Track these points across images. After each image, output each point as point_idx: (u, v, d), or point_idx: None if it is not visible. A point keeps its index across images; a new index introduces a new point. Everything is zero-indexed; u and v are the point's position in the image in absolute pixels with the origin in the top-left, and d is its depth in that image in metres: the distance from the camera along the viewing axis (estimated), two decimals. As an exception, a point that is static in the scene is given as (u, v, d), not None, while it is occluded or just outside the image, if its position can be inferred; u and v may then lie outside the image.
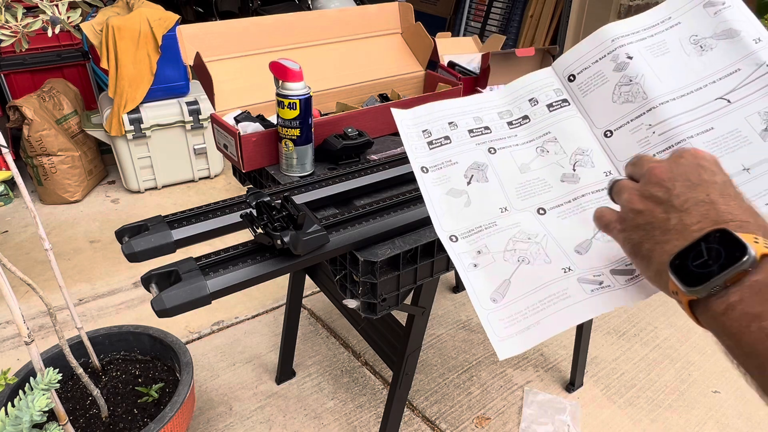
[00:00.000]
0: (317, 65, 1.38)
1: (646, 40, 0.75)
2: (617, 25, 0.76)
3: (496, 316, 0.69)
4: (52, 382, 1.01)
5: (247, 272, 0.81)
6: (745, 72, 0.68)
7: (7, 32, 0.99)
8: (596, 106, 0.77)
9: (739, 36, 0.70)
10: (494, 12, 3.93)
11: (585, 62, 0.78)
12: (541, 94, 0.81)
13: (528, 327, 0.68)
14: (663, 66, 0.73)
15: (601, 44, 0.76)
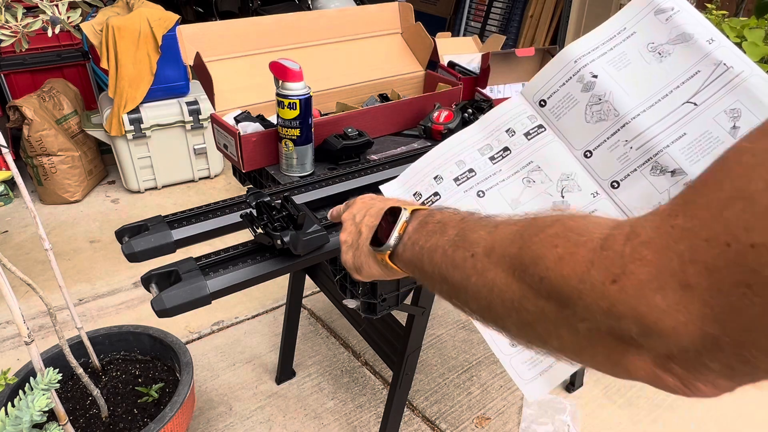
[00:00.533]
0: (317, 65, 1.38)
1: (606, 54, 0.76)
2: (577, 45, 0.77)
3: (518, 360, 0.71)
4: (52, 382, 1.01)
5: (247, 272, 0.80)
6: (705, 73, 0.70)
7: (7, 32, 0.99)
8: (571, 128, 0.78)
9: (693, 39, 0.71)
10: (494, 12, 3.93)
11: (553, 86, 0.79)
12: (516, 124, 0.82)
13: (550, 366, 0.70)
14: (627, 78, 0.74)
15: (565, 66, 0.77)
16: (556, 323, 0.36)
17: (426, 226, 0.53)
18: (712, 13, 2.33)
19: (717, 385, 0.31)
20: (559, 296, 0.35)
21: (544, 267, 0.36)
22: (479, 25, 4.03)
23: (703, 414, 1.69)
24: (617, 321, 0.32)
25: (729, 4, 2.91)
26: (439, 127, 1.30)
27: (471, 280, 0.43)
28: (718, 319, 0.28)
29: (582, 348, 0.36)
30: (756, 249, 0.26)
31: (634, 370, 0.33)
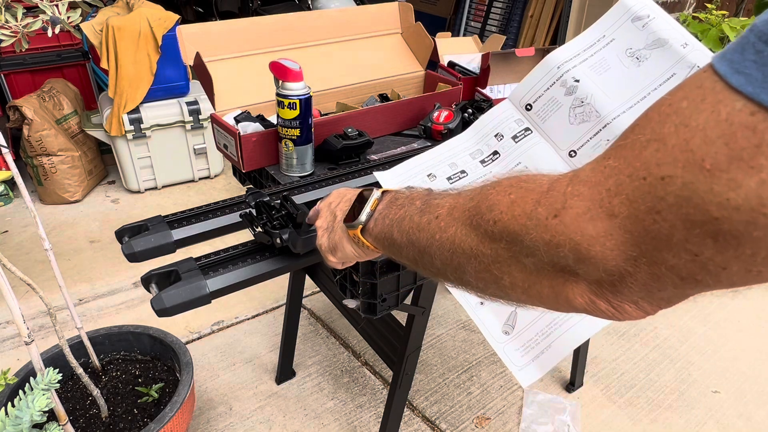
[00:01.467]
0: (317, 65, 1.38)
1: (587, 60, 0.80)
2: (560, 52, 0.81)
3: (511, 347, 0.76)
4: (52, 382, 1.01)
5: (247, 271, 0.81)
6: (680, 75, 0.74)
7: (7, 32, 0.99)
8: (556, 129, 0.82)
9: (668, 44, 0.75)
10: (494, 12, 3.93)
11: (538, 91, 0.83)
12: (504, 128, 0.86)
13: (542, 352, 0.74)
14: (608, 82, 0.78)
15: (549, 72, 0.81)
16: (507, 262, 0.41)
17: (396, 201, 0.58)
18: (713, 13, 2.33)
19: (640, 307, 0.36)
20: (510, 235, 0.40)
21: (498, 211, 0.41)
22: (479, 25, 4.03)
23: (703, 413, 1.69)
24: (556, 250, 0.36)
25: (729, 4, 2.91)
26: (439, 127, 1.30)
27: (435, 237, 0.48)
28: (636, 242, 0.32)
29: (530, 283, 0.40)
30: (665, 180, 0.30)
31: (573, 298, 0.38)
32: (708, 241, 0.29)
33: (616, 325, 2.04)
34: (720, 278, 0.31)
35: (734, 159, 0.27)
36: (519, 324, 0.77)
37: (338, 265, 0.73)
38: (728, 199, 0.28)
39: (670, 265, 0.32)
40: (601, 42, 0.80)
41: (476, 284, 0.46)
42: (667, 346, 1.96)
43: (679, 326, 2.04)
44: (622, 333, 2.01)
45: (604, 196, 0.34)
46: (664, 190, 0.30)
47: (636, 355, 1.91)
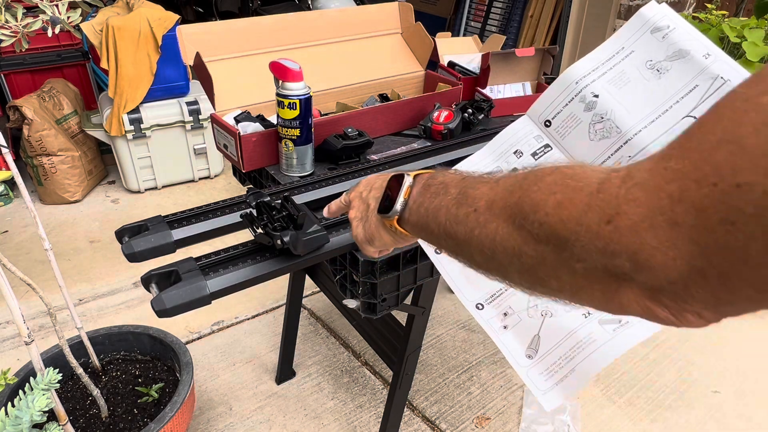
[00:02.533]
0: (317, 65, 1.38)
1: (606, 74, 0.78)
2: (578, 66, 0.79)
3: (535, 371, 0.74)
4: (52, 382, 1.01)
5: (247, 272, 0.80)
6: (703, 87, 0.71)
7: (7, 32, 0.99)
8: (576, 146, 0.80)
9: (690, 55, 0.73)
10: (494, 12, 3.93)
11: (557, 107, 0.81)
12: (524, 145, 0.84)
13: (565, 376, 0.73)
14: (628, 96, 0.76)
15: (567, 87, 0.80)
16: (555, 266, 0.38)
17: (429, 188, 0.56)
18: (712, 13, 2.33)
19: (703, 316, 0.33)
20: (558, 240, 0.37)
21: (544, 213, 0.38)
22: (479, 25, 4.03)
23: (703, 413, 1.69)
24: (612, 259, 0.34)
25: (729, 4, 2.91)
26: (439, 127, 1.30)
27: (474, 233, 0.46)
28: (704, 254, 0.30)
29: (579, 287, 0.38)
30: (741, 188, 0.27)
31: (628, 304, 0.35)
32: None
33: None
34: None
35: None
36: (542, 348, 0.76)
37: (376, 254, 0.72)
38: None
39: (745, 278, 0.29)
40: (620, 54, 0.78)
41: (521, 283, 0.44)
42: (667, 346, 1.96)
43: (679, 326, 2.04)
44: (622, 333, 2.01)
45: (665, 203, 0.31)
46: (741, 199, 0.27)
47: (636, 355, 1.91)
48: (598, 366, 0.74)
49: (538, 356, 0.75)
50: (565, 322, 0.75)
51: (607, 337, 0.75)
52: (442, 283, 2.22)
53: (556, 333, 0.75)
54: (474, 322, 2.04)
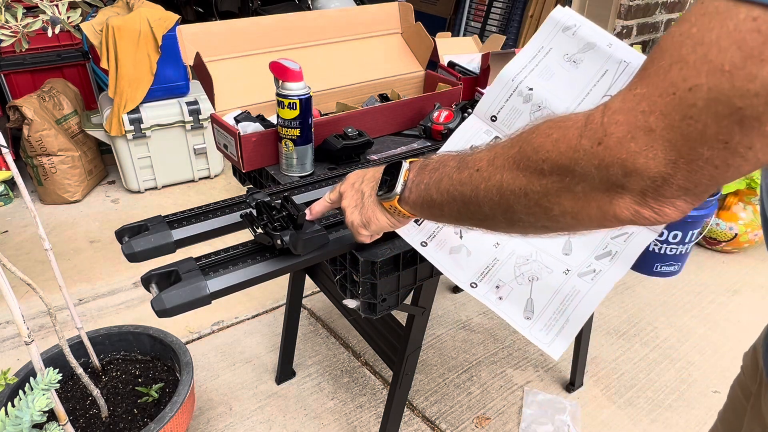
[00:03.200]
0: (317, 65, 1.38)
1: (534, 70, 0.91)
2: (510, 67, 0.92)
3: (536, 329, 0.85)
4: (52, 382, 1.01)
5: (247, 272, 0.81)
6: (611, 71, 0.85)
7: (7, 32, 0.99)
8: None
9: (596, 46, 0.87)
10: (494, 12, 3.93)
11: (499, 103, 0.94)
12: (476, 139, 0.96)
13: (562, 327, 0.84)
14: (556, 85, 0.89)
15: (506, 85, 0.93)
16: (557, 193, 0.47)
17: (426, 167, 0.64)
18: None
19: (677, 206, 0.42)
20: (560, 169, 0.45)
21: (545, 151, 0.46)
22: (479, 25, 4.03)
23: (703, 413, 1.69)
24: (606, 170, 0.42)
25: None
26: (439, 127, 1.30)
27: (480, 187, 0.54)
28: (674, 147, 0.38)
29: (579, 208, 0.46)
30: (692, 90, 0.36)
31: (620, 212, 0.44)
32: (735, 128, 0.36)
33: (616, 325, 2.04)
34: (747, 157, 0.37)
35: (747, 57, 0.34)
36: (537, 308, 0.86)
37: (368, 239, 0.78)
38: (748, 90, 0.34)
39: (706, 157, 0.38)
40: (541, 52, 0.91)
41: (527, 219, 0.51)
42: (667, 346, 1.96)
43: (679, 326, 2.04)
44: (622, 333, 2.01)
45: (640, 117, 0.39)
46: (693, 97, 0.36)
47: (636, 355, 1.91)
48: (588, 311, 0.84)
49: (535, 316, 0.85)
50: (551, 282, 0.87)
51: (587, 287, 0.86)
52: (442, 283, 2.23)
53: (544, 293, 0.86)
54: (474, 321, 2.04)
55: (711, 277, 2.34)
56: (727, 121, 0.36)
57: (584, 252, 0.89)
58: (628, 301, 2.18)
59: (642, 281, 2.30)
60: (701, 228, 2.23)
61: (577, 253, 0.89)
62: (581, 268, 0.87)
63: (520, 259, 0.90)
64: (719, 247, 2.48)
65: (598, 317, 2.06)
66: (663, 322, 2.07)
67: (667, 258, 2.27)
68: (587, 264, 0.88)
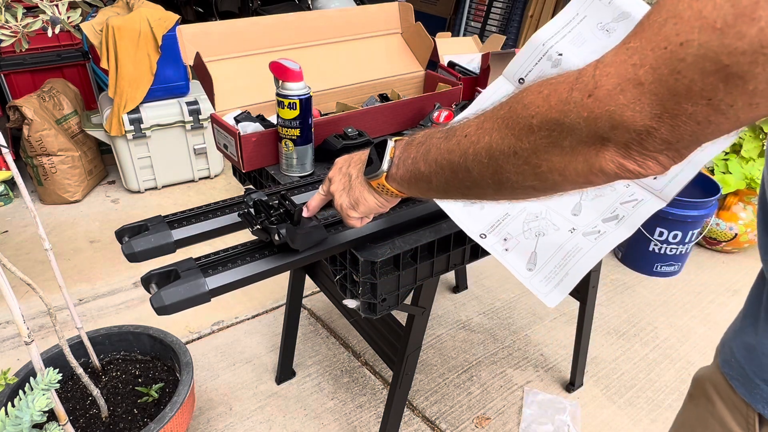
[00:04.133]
0: (317, 65, 1.38)
1: (566, 36, 0.92)
2: (543, 31, 0.93)
3: (536, 280, 0.89)
4: (52, 382, 1.01)
5: (247, 270, 0.81)
6: None
7: (7, 32, 0.99)
8: None
9: (631, 16, 0.88)
10: (494, 12, 3.93)
11: (528, 66, 0.95)
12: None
13: (561, 280, 0.88)
14: (586, 52, 0.89)
15: (536, 49, 0.94)
16: (545, 149, 0.47)
17: (412, 143, 0.65)
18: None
19: (660, 161, 0.43)
20: (549, 123, 0.46)
21: (535, 107, 0.47)
22: (479, 25, 4.03)
23: (703, 414, 1.69)
24: (594, 123, 0.42)
25: None
26: (439, 127, 1.30)
27: (469, 151, 0.54)
28: (660, 101, 0.39)
29: (566, 163, 0.47)
30: (683, 45, 0.37)
31: (605, 165, 0.44)
32: (720, 85, 0.36)
33: (616, 324, 2.04)
34: (728, 115, 0.38)
35: (738, 15, 0.35)
36: (539, 261, 0.90)
37: (358, 222, 0.78)
38: (736, 48, 0.35)
39: (689, 113, 0.38)
40: (575, 20, 0.92)
41: (515, 179, 0.52)
42: (667, 346, 1.96)
43: (679, 326, 2.04)
44: (622, 333, 2.01)
45: (630, 70, 0.40)
46: (684, 52, 0.37)
47: (636, 355, 1.91)
48: (586, 268, 0.88)
49: (537, 268, 0.89)
50: (556, 239, 0.91)
51: (590, 245, 0.89)
52: (442, 283, 2.23)
53: (548, 248, 0.90)
54: (474, 321, 2.04)
55: (711, 277, 2.34)
56: (713, 77, 0.36)
57: (593, 214, 0.92)
58: (628, 301, 2.18)
59: (642, 281, 2.30)
60: (701, 228, 2.23)
61: (586, 214, 0.92)
62: (587, 228, 0.91)
63: (530, 216, 0.93)
64: (719, 247, 2.48)
65: (598, 317, 2.06)
66: (663, 322, 2.06)
67: (667, 258, 2.27)
68: (593, 225, 0.92)
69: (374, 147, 0.69)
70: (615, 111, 0.41)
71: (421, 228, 0.99)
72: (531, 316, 2.08)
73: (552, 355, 1.90)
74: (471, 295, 2.19)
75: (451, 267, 1.05)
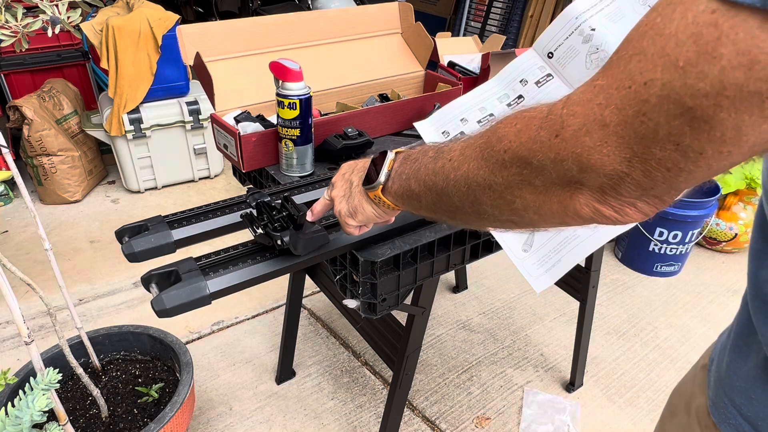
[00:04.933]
0: (317, 65, 1.38)
1: (603, 10, 0.88)
2: (579, 3, 0.89)
3: (529, 262, 0.89)
4: (52, 382, 1.01)
5: (247, 272, 0.80)
6: None
7: (7, 32, 0.99)
8: (574, 74, 0.91)
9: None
10: (494, 12, 3.93)
11: (558, 40, 0.92)
12: (528, 74, 0.96)
13: (553, 265, 0.87)
14: (621, 29, 0.86)
15: (568, 22, 0.90)
16: (519, 185, 0.45)
17: (409, 157, 0.63)
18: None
19: (639, 208, 0.40)
20: (519, 160, 0.44)
21: (507, 141, 0.45)
22: (479, 25, 4.03)
23: (703, 414, 1.69)
24: (562, 164, 0.41)
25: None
26: (439, 127, 1.30)
27: (450, 177, 0.53)
28: (628, 144, 0.37)
29: (540, 202, 0.45)
30: (647, 85, 0.35)
31: (580, 209, 0.42)
32: (686, 129, 0.34)
33: (616, 324, 2.04)
34: (699, 163, 0.35)
35: (701, 53, 0.32)
36: (535, 244, 0.90)
37: (356, 230, 0.77)
38: (698, 89, 0.32)
39: (658, 158, 0.36)
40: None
41: (492, 213, 0.50)
42: (667, 346, 1.96)
43: (679, 326, 2.04)
44: (622, 333, 2.01)
45: (596, 110, 0.38)
46: (647, 93, 0.35)
47: (636, 355, 1.91)
48: (580, 257, 0.87)
49: (532, 250, 0.89)
50: None
51: (587, 233, 0.89)
52: (442, 283, 2.23)
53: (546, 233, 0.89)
54: (474, 321, 2.04)
55: (711, 277, 2.34)
56: (678, 121, 0.34)
57: None
58: (628, 301, 2.18)
59: (642, 281, 2.30)
60: (701, 228, 2.23)
61: None
62: None
63: None
64: (719, 247, 2.48)
65: (598, 317, 2.06)
66: (663, 322, 2.06)
67: (667, 258, 2.27)
68: None
69: (376, 156, 0.68)
70: (581, 154, 0.39)
71: (421, 228, 0.99)
72: (531, 316, 2.08)
73: (552, 355, 1.90)
74: (471, 295, 2.19)
75: (451, 267, 1.05)
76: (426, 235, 0.98)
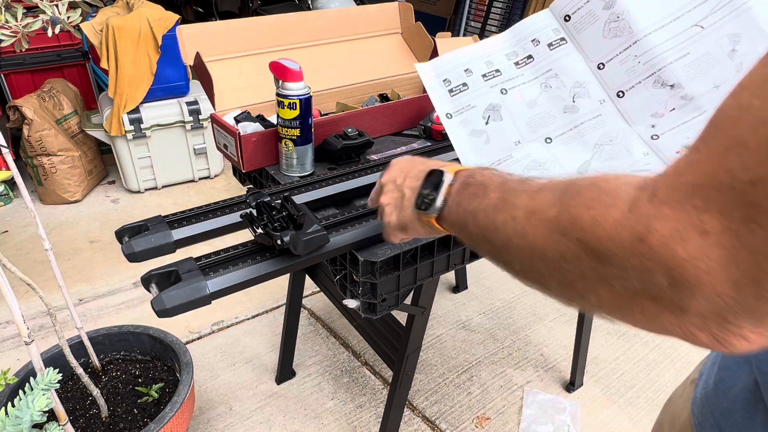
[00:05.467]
0: (317, 65, 1.38)
1: None
2: None
3: None
4: (52, 382, 1.01)
5: (248, 272, 0.80)
6: (714, 1, 0.77)
7: (7, 32, 0.99)
8: (589, 42, 0.88)
9: None
10: (494, 12, 3.93)
11: (578, 3, 0.88)
12: (541, 35, 0.92)
13: None
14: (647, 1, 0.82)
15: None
16: (594, 281, 0.38)
17: (468, 187, 0.56)
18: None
19: (747, 337, 0.32)
20: (596, 255, 0.37)
21: (581, 228, 0.38)
22: (479, 25, 4.03)
23: (703, 414, 1.69)
24: (648, 276, 0.33)
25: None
26: (439, 127, 1.30)
27: (513, 241, 0.46)
28: (734, 259, 0.29)
29: (619, 305, 0.37)
30: (755, 185, 0.28)
31: (670, 327, 0.35)
32: None
33: (616, 324, 2.04)
34: None
35: None
36: None
37: (399, 240, 0.74)
38: None
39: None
40: None
41: (560, 295, 0.43)
42: (667, 346, 1.96)
43: (679, 326, 2.04)
44: (622, 333, 2.01)
45: (693, 214, 0.31)
46: (755, 194, 0.28)
47: (636, 355, 1.91)
48: None
49: None
50: None
51: None
52: (442, 283, 2.23)
53: None
54: (474, 321, 2.04)
55: (711, 277, 2.34)
56: None
57: None
58: (628, 301, 2.18)
59: (642, 281, 2.30)
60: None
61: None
62: None
63: (533, 163, 0.87)
64: (719, 247, 2.48)
65: (598, 317, 2.06)
66: (663, 322, 2.06)
67: (667, 258, 2.27)
68: None
69: (431, 174, 0.62)
70: (673, 266, 0.32)
71: (421, 228, 0.99)
72: (531, 316, 2.08)
73: (552, 355, 1.90)
74: (471, 295, 2.19)
75: (451, 267, 1.05)
76: (426, 235, 0.98)
